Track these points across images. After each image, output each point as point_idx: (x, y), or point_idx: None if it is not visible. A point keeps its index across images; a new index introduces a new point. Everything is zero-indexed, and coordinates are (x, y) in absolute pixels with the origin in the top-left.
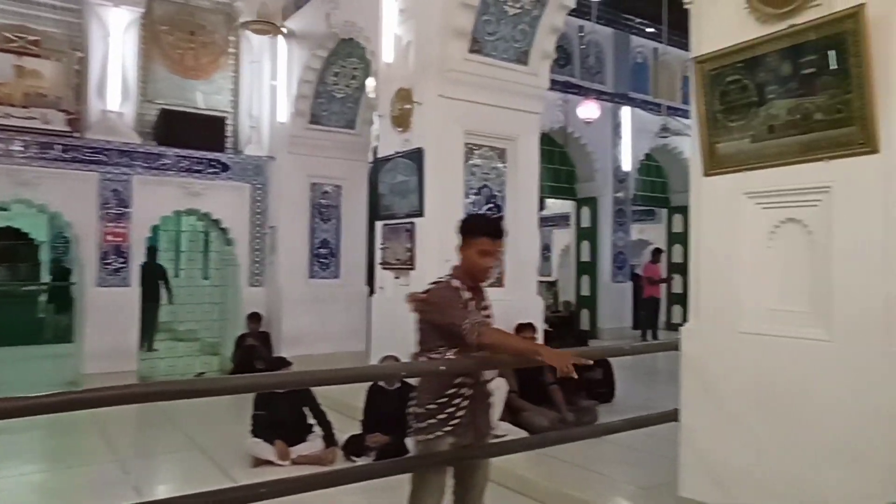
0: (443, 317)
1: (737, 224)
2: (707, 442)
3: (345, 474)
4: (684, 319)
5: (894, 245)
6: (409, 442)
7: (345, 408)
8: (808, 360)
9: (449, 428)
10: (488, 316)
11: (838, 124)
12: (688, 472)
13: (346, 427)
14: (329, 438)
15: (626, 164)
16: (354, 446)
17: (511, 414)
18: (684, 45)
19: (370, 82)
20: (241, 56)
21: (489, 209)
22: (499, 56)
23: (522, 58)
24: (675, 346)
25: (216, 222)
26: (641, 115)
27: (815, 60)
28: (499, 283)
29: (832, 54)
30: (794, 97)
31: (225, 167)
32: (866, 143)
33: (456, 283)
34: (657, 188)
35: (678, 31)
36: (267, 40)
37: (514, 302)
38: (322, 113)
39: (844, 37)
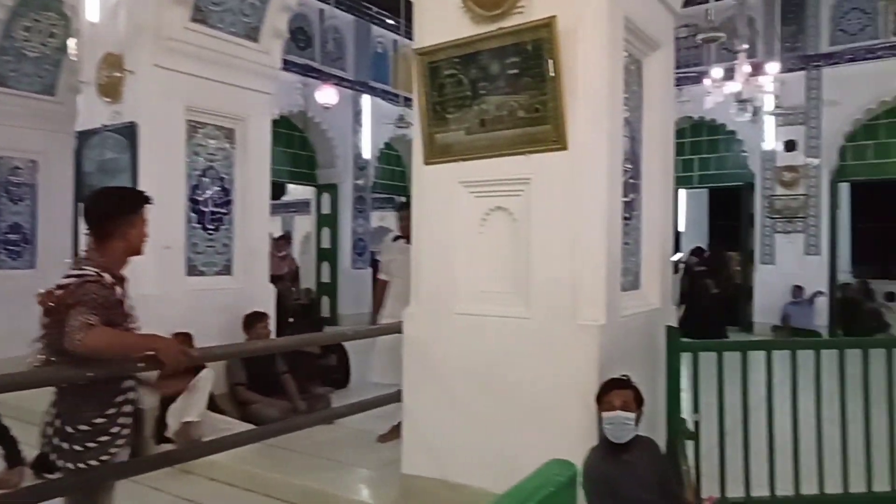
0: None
1: (453, 211)
2: (427, 420)
3: (23, 495)
4: None
5: (579, 232)
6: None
7: (38, 418)
8: (512, 337)
9: (121, 441)
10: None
11: (536, 122)
12: (410, 450)
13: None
14: (14, 457)
15: (367, 152)
16: (48, 462)
17: (239, 407)
18: None
19: (72, 43)
20: None
21: (217, 192)
22: (226, 29)
23: (252, 34)
24: (398, 329)
25: None
26: (381, 105)
27: (518, 62)
28: (227, 270)
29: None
30: (501, 95)
31: None
32: (558, 141)
33: (107, 278)
34: (396, 177)
35: None
36: None
37: (245, 290)
38: (10, 74)
39: (541, 43)
